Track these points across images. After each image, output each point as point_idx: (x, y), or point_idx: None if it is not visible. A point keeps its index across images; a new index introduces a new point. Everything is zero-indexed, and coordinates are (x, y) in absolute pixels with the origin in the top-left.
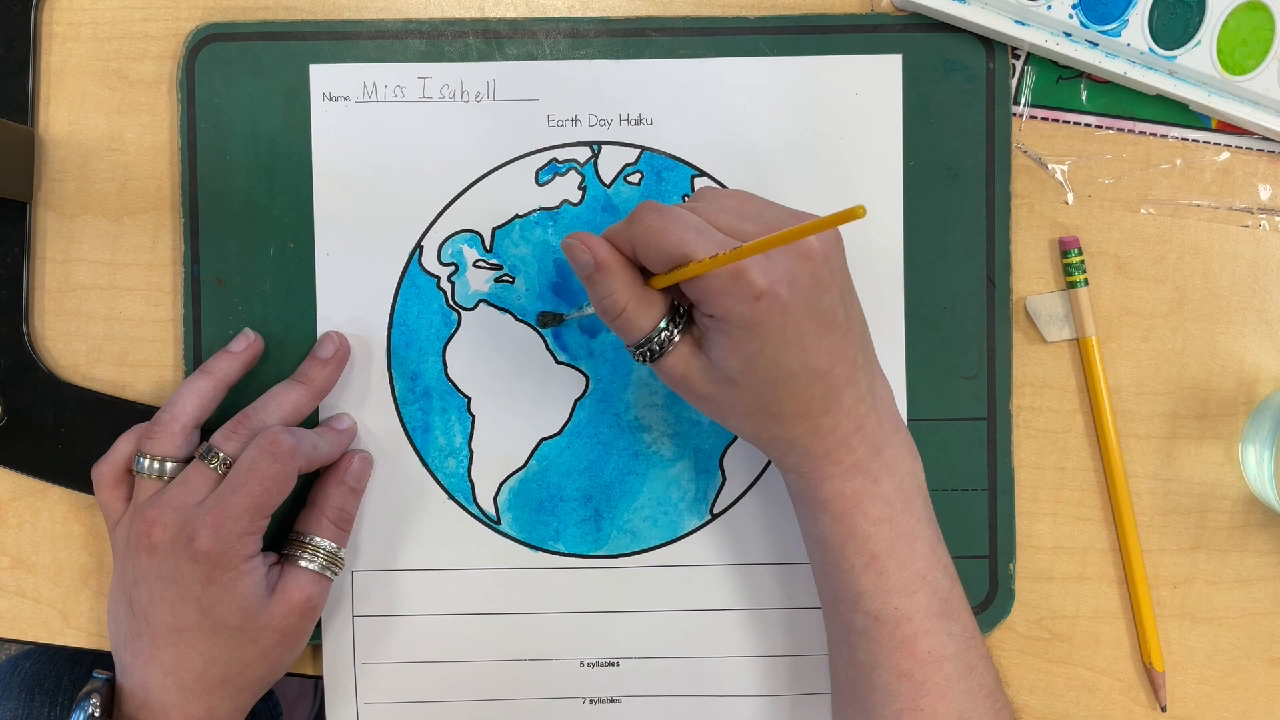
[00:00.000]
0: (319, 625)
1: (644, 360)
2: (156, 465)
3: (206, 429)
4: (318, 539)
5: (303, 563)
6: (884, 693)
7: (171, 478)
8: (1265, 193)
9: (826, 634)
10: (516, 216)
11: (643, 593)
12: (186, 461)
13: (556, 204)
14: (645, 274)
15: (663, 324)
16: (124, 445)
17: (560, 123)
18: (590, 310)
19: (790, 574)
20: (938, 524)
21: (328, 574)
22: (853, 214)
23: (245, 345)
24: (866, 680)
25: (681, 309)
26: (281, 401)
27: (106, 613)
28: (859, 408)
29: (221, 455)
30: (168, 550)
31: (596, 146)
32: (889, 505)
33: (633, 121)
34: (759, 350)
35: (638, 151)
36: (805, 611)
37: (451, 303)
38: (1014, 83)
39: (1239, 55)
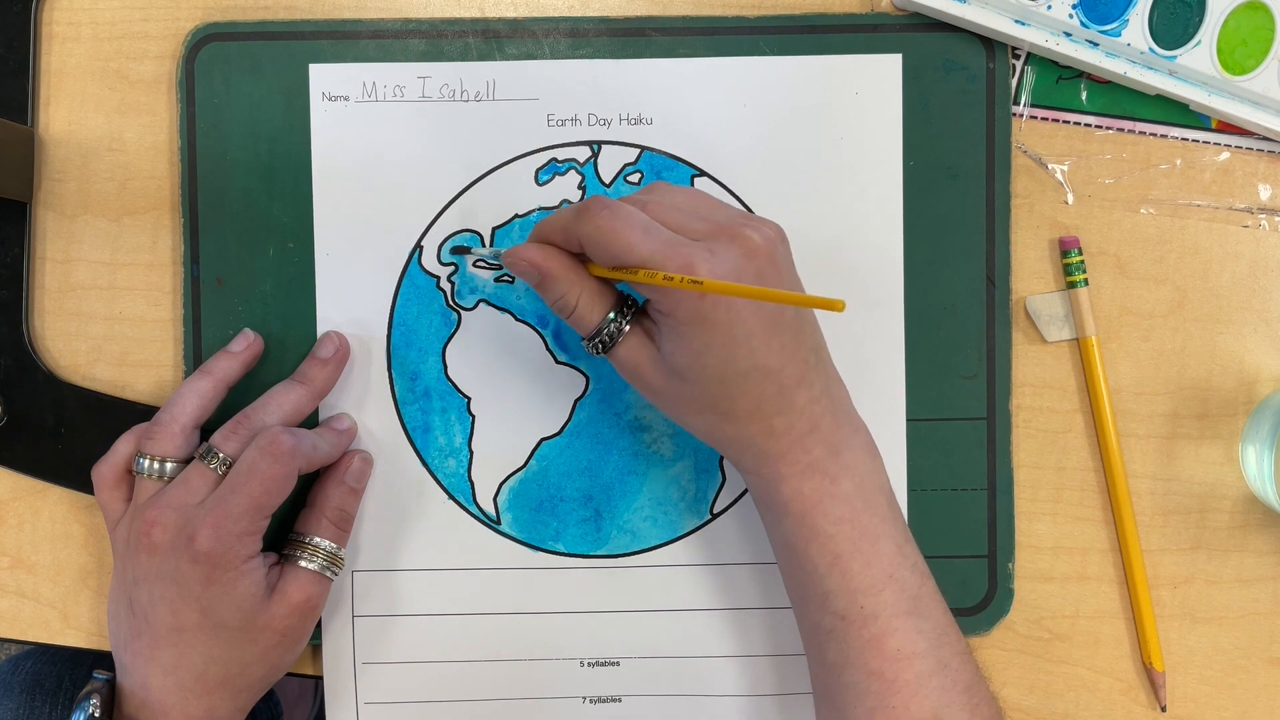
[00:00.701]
0: (319, 625)
1: (597, 352)
2: (156, 465)
3: (206, 429)
4: (317, 539)
5: (303, 563)
6: (855, 691)
7: (171, 478)
8: (1265, 193)
9: (800, 635)
10: (516, 216)
11: (643, 592)
12: (186, 462)
13: (556, 204)
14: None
15: (611, 315)
16: (124, 446)
17: (560, 122)
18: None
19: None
20: (905, 523)
21: (328, 574)
22: (831, 305)
23: (245, 345)
24: (838, 679)
25: (630, 300)
26: (281, 402)
27: (107, 613)
28: (813, 408)
29: (221, 456)
30: (168, 550)
31: (596, 146)
32: (849, 505)
33: (632, 121)
34: (705, 347)
35: (637, 151)
36: None
37: (451, 303)
38: (1014, 83)
39: (1239, 55)
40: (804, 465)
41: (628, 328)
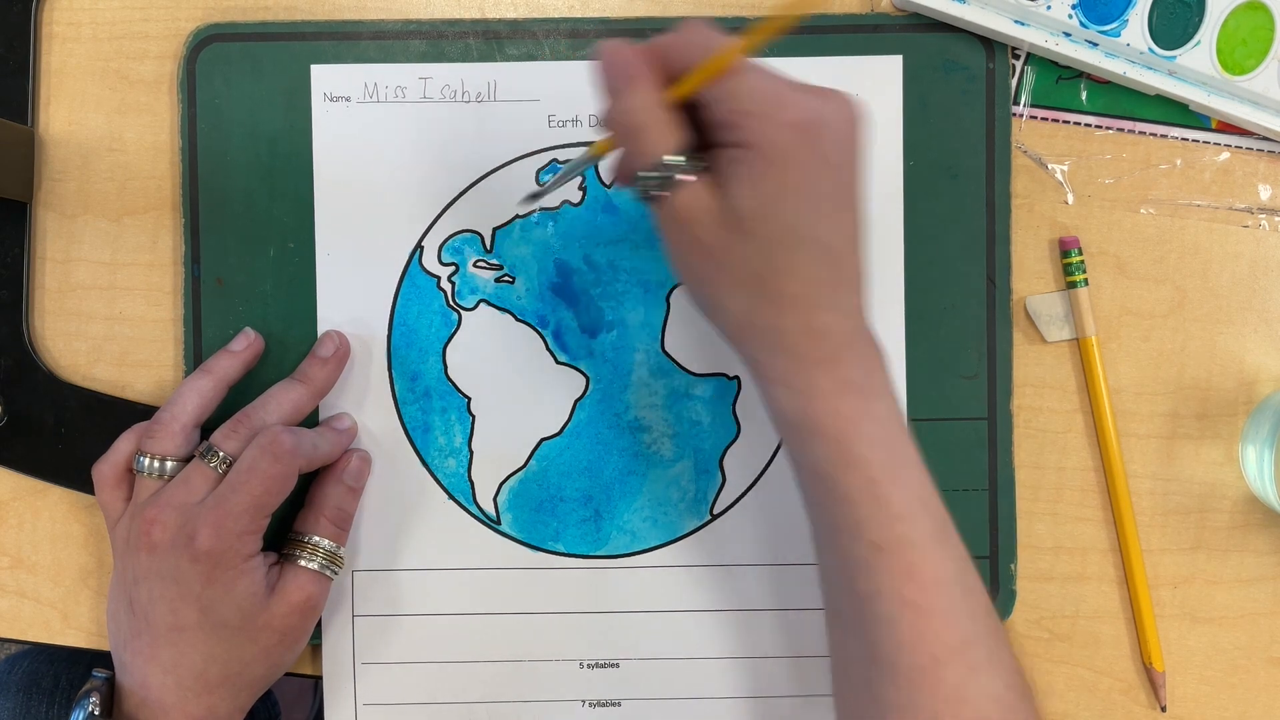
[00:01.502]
0: (319, 625)
1: (650, 193)
2: (156, 464)
3: (207, 428)
4: (316, 538)
5: (302, 562)
6: (888, 622)
7: (172, 477)
8: (1265, 193)
9: (820, 568)
10: (517, 217)
11: (642, 593)
12: (187, 460)
13: (557, 204)
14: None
15: (684, 153)
16: (124, 444)
17: (561, 123)
18: (563, 174)
19: (790, 575)
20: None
21: (327, 573)
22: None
23: (245, 345)
24: (869, 610)
25: (694, 154)
26: (281, 401)
27: (106, 612)
28: (856, 319)
29: (221, 454)
30: (167, 549)
31: None
32: (883, 428)
33: None
34: (780, 191)
35: None
36: (805, 612)
37: (452, 303)
38: (1014, 83)
39: (1239, 55)
40: (841, 380)
41: (694, 175)
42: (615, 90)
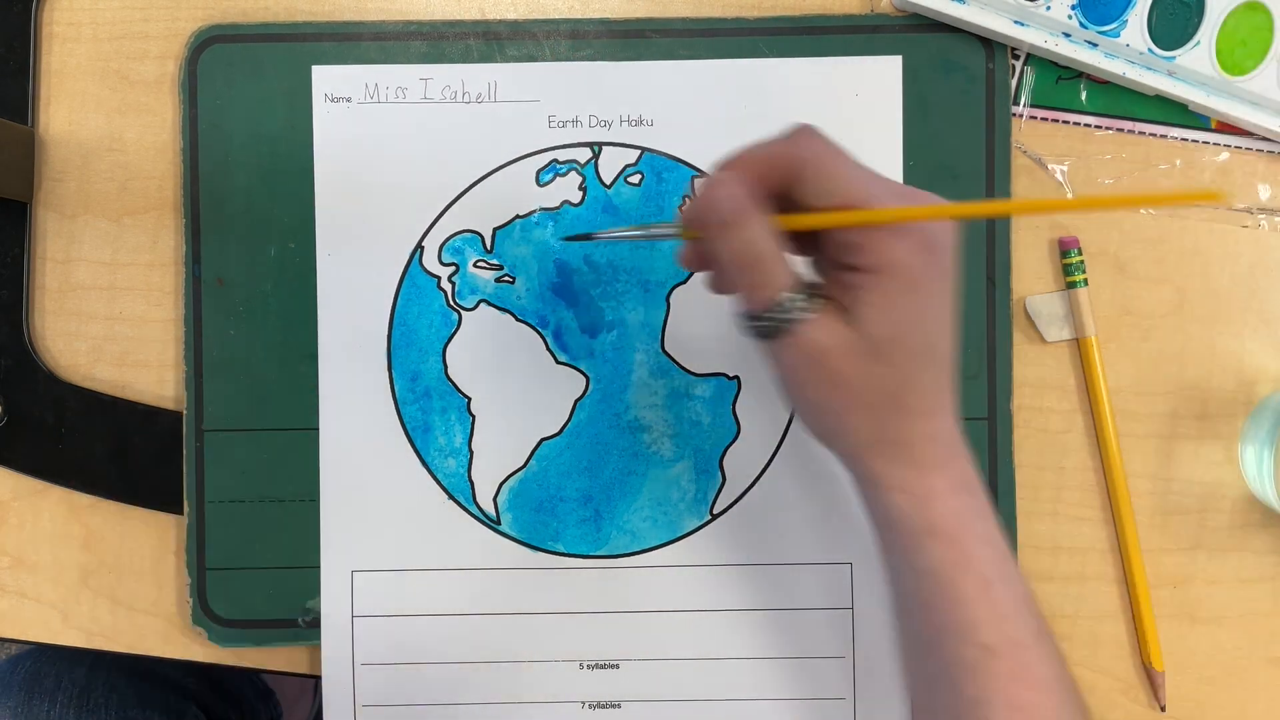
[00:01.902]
0: (318, 625)
1: (768, 335)
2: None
3: (218, 423)
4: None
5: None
6: None
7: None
8: (1265, 193)
9: (914, 676)
10: (517, 217)
11: (642, 593)
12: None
13: (557, 205)
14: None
15: (798, 293)
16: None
17: (561, 124)
18: (626, 233)
19: (790, 574)
20: None
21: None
22: (1211, 195)
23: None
24: (978, 715)
25: (807, 280)
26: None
27: None
28: (955, 416)
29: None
30: None
31: (597, 147)
32: (989, 522)
33: (633, 122)
34: (915, 315)
35: (638, 152)
36: (805, 612)
37: (452, 303)
38: (1014, 83)
39: (1238, 56)
40: (955, 481)
41: (818, 307)
42: (726, 224)
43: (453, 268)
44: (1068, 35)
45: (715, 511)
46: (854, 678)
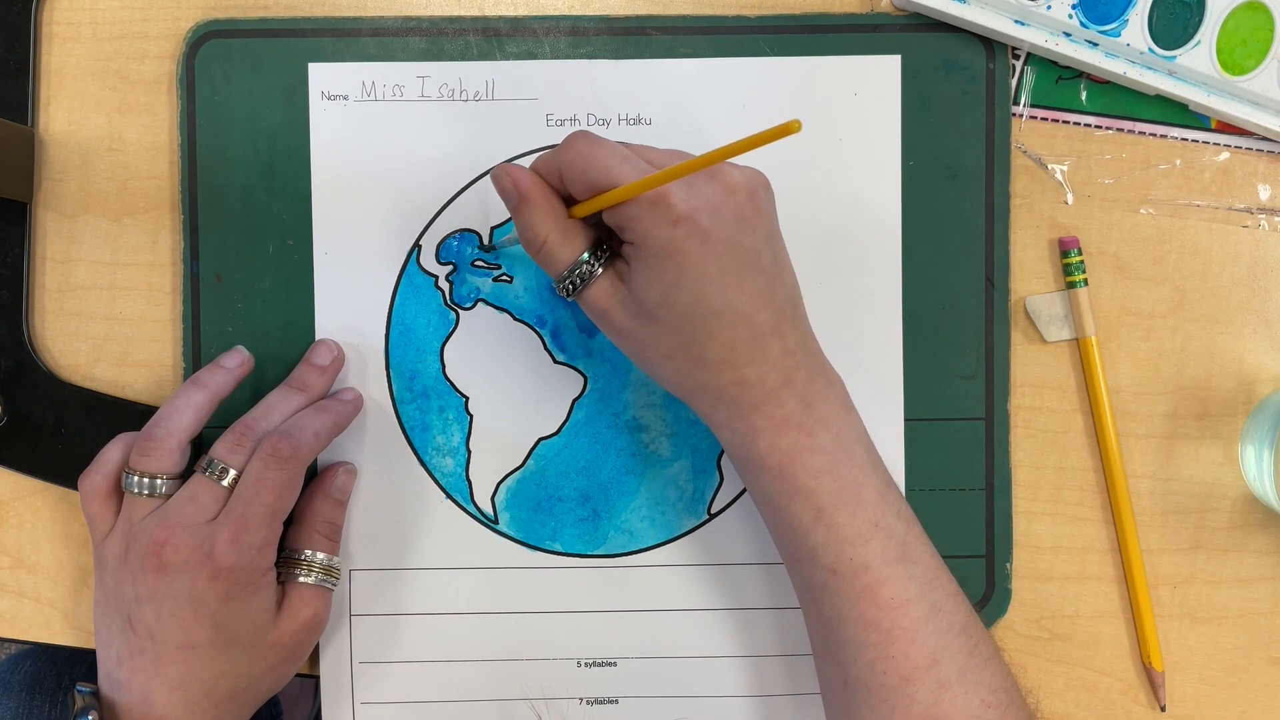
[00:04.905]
0: None
1: (567, 294)
2: (148, 483)
3: (216, 421)
4: (309, 552)
5: (302, 578)
6: (854, 644)
7: (167, 495)
8: (1265, 193)
9: (795, 593)
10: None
11: (640, 592)
12: (180, 477)
13: None
14: (571, 205)
15: (585, 256)
16: (112, 454)
17: (559, 122)
18: (513, 239)
19: (787, 573)
20: (887, 471)
21: (327, 585)
22: (788, 129)
23: (239, 363)
24: (835, 634)
25: (606, 245)
26: (283, 410)
27: (94, 624)
28: (786, 360)
29: (226, 469)
30: (181, 569)
31: None
32: (827, 457)
33: (632, 121)
34: (676, 280)
35: None
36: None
37: (449, 302)
38: (1014, 83)
39: (1239, 55)
40: (779, 420)
41: (600, 270)
42: (514, 210)
43: (450, 267)
44: (1068, 35)
45: (713, 511)
46: None
